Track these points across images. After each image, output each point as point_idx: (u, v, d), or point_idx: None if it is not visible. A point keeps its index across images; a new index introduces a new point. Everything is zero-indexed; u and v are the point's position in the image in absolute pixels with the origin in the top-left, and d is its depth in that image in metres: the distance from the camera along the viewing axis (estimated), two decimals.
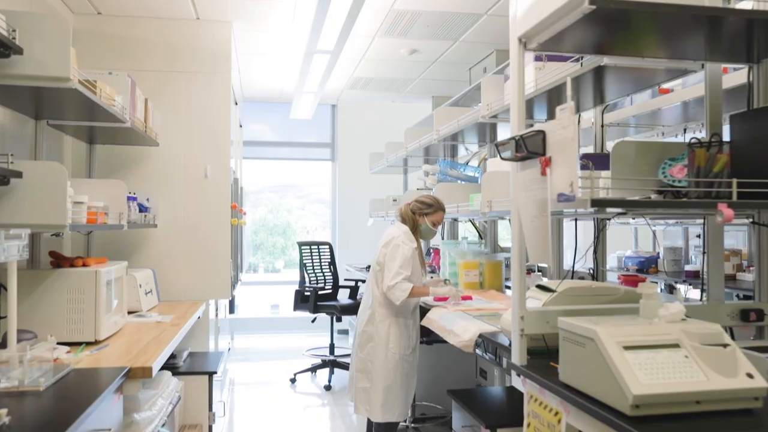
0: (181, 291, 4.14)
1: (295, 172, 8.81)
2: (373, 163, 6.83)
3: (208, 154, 4.26)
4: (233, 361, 6.55)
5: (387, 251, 3.39)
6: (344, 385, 5.66)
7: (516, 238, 1.99)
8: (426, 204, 3.59)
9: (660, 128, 3.91)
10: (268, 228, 8.80)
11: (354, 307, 5.77)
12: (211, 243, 4.22)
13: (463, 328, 2.71)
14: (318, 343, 7.20)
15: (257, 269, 8.72)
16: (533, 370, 1.92)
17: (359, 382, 3.44)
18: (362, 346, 3.45)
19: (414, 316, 3.50)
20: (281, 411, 4.96)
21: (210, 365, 3.58)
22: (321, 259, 6.15)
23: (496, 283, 3.99)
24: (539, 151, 1.77)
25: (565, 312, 2.03)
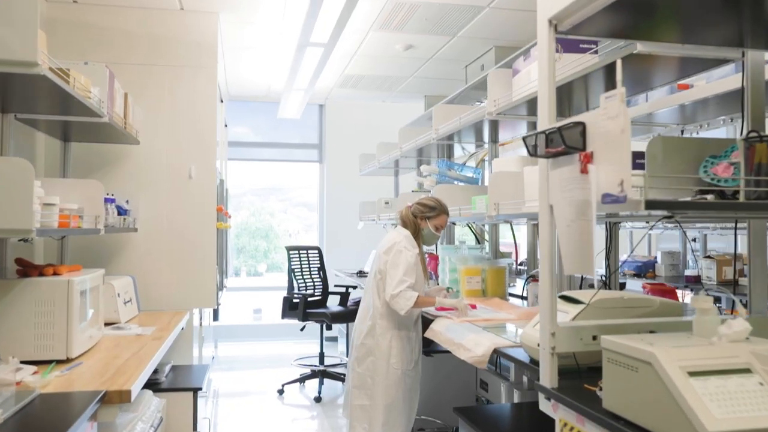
0: (164, 300, 3.87)
1: (279, 175, 8.56)
2: (363, 165, 6.59)
3: (193, 154, 4.00)
4: (218, 370, 6.27)
5: (388, 258, 3.15)
6: (335, 396, 5.42)
7: (546, 244, 1.77)
8: (428, 207, 3.36)
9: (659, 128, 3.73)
10: (250, 231, 8.63)
11: (345, 315, 5.53)
12: (195, 248, 3.95)
13: (475, 342, 2.48)
14: (306, 350, 6.93)
15: (239, 273, 8.53)
16: (566, 393, 1.69)
17: (357, 399, 3.20)
18: (361, 360, 3.21)
19: (416, 328, 3.27)
20: (269, 424, 4.70)
21: (194, 380, 3.32)
22: (310, 265, 5.90)
23: (499, 290, 3.77)
24: (578, 146, 1.55)
25: (601, 327, 1.81)
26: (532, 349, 2.01)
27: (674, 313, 1.98)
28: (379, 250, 3.29)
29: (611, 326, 1.81)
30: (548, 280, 1.74)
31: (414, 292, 3.07)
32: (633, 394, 1.40)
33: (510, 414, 2.87)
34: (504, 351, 2.28)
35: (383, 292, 3.16)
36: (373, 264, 3.35)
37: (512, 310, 3.19)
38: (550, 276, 1.74)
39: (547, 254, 1.76)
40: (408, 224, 3.34)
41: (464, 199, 4.03)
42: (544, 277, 1.76)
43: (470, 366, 2.62)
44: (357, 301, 5.86)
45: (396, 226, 3.44)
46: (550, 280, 1.74)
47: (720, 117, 3.04)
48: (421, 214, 3.34)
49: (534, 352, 2.01)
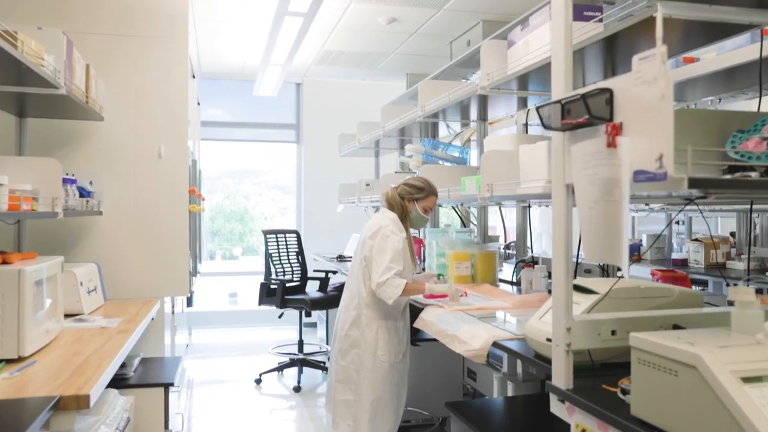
0: (132, 288, 3.61)
1: (254, 156, 8.30)
2: (342, 146, 6.35)
3: (163, 132, 3.72)
4: (192, 359, 6.03)
5: (374, 243, 2.94)
6: (314, 385, 5.22)
7: (561, 228, 1.57)
8: (416, 188, 3.14)
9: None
10: (225, 214, 8.44)
11: (325, 301, 5.32)
12: (166, 232, 3.69)
13: (471, 334, 2.28)
14: (284, 336, 6.73)
15: (215, 256, 8.37)
16: (583, 395, 1.50)
17: (340, 394, 3.00)
18: (344, 352, 3.00)
19: (404, 318, 3.07)
20: (246, 415, 4.49)
21: (166, 374, 3.08)
22: (288, 249, 5.66)
23: (489, 276, 3.59)
24: (605, 116, 1.35)
25: (621, 321, 1.63)
26: (539, 344, 1.83)
27: (694, 303, 1.81)
28: (364, 234, 3.08)
29: (631, 320, 1.63)
30: (563, 270, 1.55)
31: (402, 280, 2.87)
32: (670, 400, 1.22)
33: (505, 408, 2.70)
34: (504, 344, 2.08)
35: (369, 280, 2.95)
36: (357, 250, 3.14)
37: (506, 298, 3.01)
38: (566, 265, 1.55)
39: (563, 240, 1.56)
40: (395, 207, 3.13)
41: (452, 180, 3.82)
42: (558, 266, 1.57)
43: (457, 355, 2.45)
44: (337, 287, 5.66)
45: (379, 209, 3.23)
46: (565, 270, 1.55)
47: (730, 92, 2.87)
48: (408, 195, 3.13)
49: (541, 347, 1.83)
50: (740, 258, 5.15)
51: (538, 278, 3.08)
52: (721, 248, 5.37)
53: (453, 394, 3.98)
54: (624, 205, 1.28)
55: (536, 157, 2.66)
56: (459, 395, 3.99)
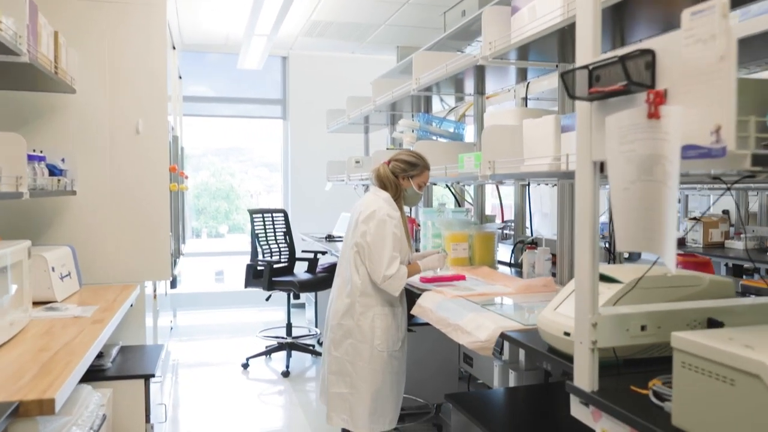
0: (110, 272, 3.40)
1: (240, 133, 8.07)
2: (331, 121, 6.14)
3: (141, 106, 3.48)
4: (177, 342, 5.85)
5: (369, 229, 2.74)
6: (303, 369, 5.07)
7: (586, 211, 1.39)
8: (410, 164, 2.94)
9: None
10: (210, 192, 8.32)
11: (313, 283, 5.14)
12: (146, 213, 3.48)
13: (475, 324, 2.11)
14: (272, 318, 6.57)
15: (200, 234, 8.26)
16: (611, 398, 1.34)
17: (334, 387, 2.83)
18: (338, 343, 2.83)
19: (402, 302, 2.90)
20: (233, 401, 4.33)
21: (147, 364, 2.89)
22: (275, 229, 5.46)
23: (488, 258, 3.42)
24: (646, 82, 1.16)
25: (651, 315, 1.46)
26: (555, 338, 1.66)
27: (726, 293, 1.65)
28: (355, 217, 2.88)
29: (662, 313, 1.46)
30: (589, 258, 1.37)
31: (404, 267, 2.71)
32: (724, 412, 1.05)
33: (508, 401, 2.54)
34: (513, 336, 1.91)
35: (362, 266, 2.77)
36: (348, 233, 2.94)
37: (508, 282, 2.84)
38: (592, 253, 1.37)
39: (588, 224, 1.38)
40: (388, 185, 2.92)
41: (448, 157, 3.64)
42: (583, 253, 1.39)
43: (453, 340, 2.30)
44: (326, 267, 5.48)
45: (370, 188, 3.03)
46: (591, 258, 1.37)
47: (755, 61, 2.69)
48: (403, 172, 2.93)
49: (557, 342, 1.66)
50: (739, 237, 5.03)
51: (541, 261, 2.91)
52: (719, 227, 5.26)
53: (448, 380, 3.84)
54: (670, 185, 1.10)
55: (542, 133, 2.47)
56: (455, 381, 3.85)
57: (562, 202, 2.91)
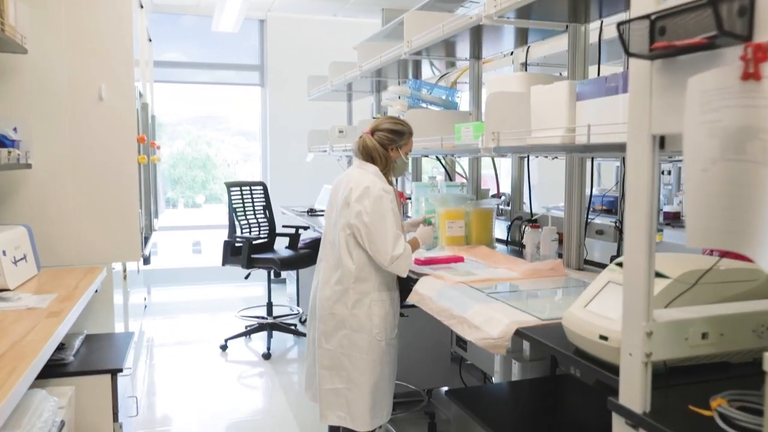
0: (73, 253, 3.10)
1: (216, 100, 7.70)
2: (312, 88, 5.80)
3: (104, 69, 3.14)
4: (151, 321, 5.57)
5: (365, 208, 2.46)
6: (285, 350, 4.83)
7: (643, 194, 1.13)
8: (398, 132, 2.67)
9: None
10: (186, 161, 8.05)
11: (295, 260, 4.87)
12: (111, 188, 3.16)
13: (484, 317, 1.87)
14: (251, 293, 6.32)
15: (177, 205, 8.03)
16: (668, 421, 1.11)
17: (328, 383, 2.57)
18: (329, 334, 2.56)
19: (396, 286, 2.66)
20: (211, 385, 4.10)
21: (114, 357, 2.63)
22: (254, 203, 5.16)
23: (485, 237, 3.17)
24: (742, 33, 0.90)
25: (712, 321, 1.22)
26: (587, 341, 1.42)
27: None
28: (344, 195, 2.58)
29: (725, 318, 1.23)
30: (645, 254, 1.12)
31: (408, 245, 2.48)
32: None
33: (513, 396, 2.33)
34: (533, 336, 1.67)
35: (357, 249, 2.51)
36: (332, 213, 2.66)
37: (512, 265, 2.60)
38: (649, 247, 1.12)
39: (645, 212, 1.12)
40: (377, 158, 2.64)
41: (441, 127, 3.37)
42: (637, 248, 1.14)
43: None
44: (308, 243, 5.21)
45: (353, 161, 2.76)
46: (647, 254, 1.12)
47: None
48: (391, 143, 2.66)
49: (589, 345, 1.42)
50: None
51: (546, 242, 2.68)
52: None
53: (440, 364, 3.62)
54: None
55: (554, 101, 2.21)
56: (447, 364, 3.64)
57: (570, 178, 2.66)
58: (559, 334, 1.57)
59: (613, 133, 1.88)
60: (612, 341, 1.32)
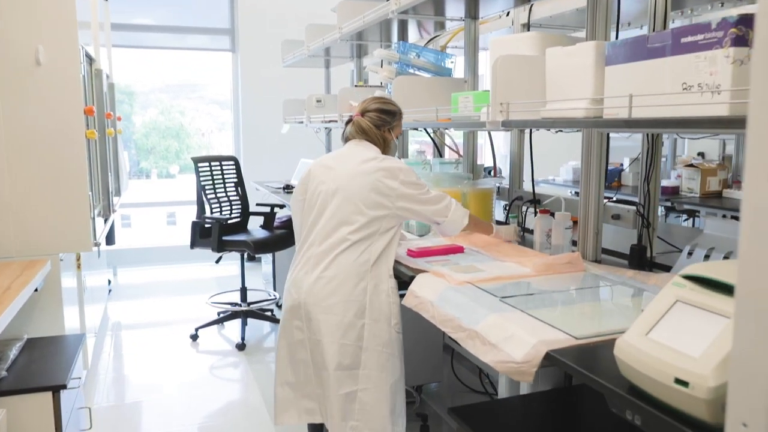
0: (11, 245, 2.69)
1: (188, 68, 7.25)
2: (287, 54, 5.34)
3: (41, 29, 2.69)
4: (116, 304, 5.16)
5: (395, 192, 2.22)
6: (260, 338, 4.48)
7: None
8: (390, 113, 2.44)
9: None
10: (159, 131, 7.81)
11: (271, 242, 4.48)
12: (54, 168, 2.74)
13: (503, 332, 1.52)
14: (225, 273, 5.93)
15: (150, 175, 7.83)
16: None
17: (341, 386, 2.18)
18: (348, 326, 2.17)
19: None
20: (181, 379, 3.74)
21: (59, 368, 2.25)
22: (224, 180, 4.74)
23: (485, 220, 2.82)
24: None
25: None
26: (651, 381, 1.08)
27: None
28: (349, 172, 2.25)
29: None
30: None
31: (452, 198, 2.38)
32: None
33: (524, 411, 2.00)
34: (571, 363, 1.33)
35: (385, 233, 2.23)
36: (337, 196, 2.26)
37: (521, 258, 2.25)
38: None
39: None
40: (376, 140, 2.39)
41: (434, 97, 2.99)
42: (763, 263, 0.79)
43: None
44: (284, 222, 4.83)
45: (351, 141, 2.41)
46: None
47: None
48: (384, 124, 2.41)
49: (656, 388, 1.08)
50: (739, 186, 4.59)
51: (559, 230, 2.33)
52: (718, 175, 4.81)
53: (430, 358, 3.31)
54: None
55: (576, 66, 1.85)
56: (438, 358, 3.32)
57: (588, 155, 2.31)
58: (602, 358, 1.24)
59: (663, 106, 1.53)
60: (696, 390, 0.98)
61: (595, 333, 1.46)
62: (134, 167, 7.64)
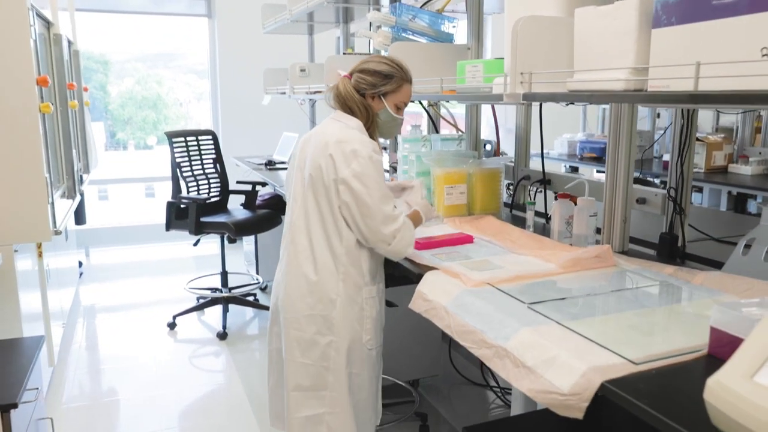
0: None
1: (164, 36, 6.86)
2: (267, 19, 4.96)
3: None
4: (88, 289, 4.84)
5: (347, 174, 1.80)
6: (242, 324, 4.19)
7: None
8: (382, 74, 1.93)
9: None
10: (136, 101, 7.49)
11: (253, 223, 4.17)
12: (1, 148, 2.40)
13: (541, 353, 1.25)
14: (204, 252, 5.61)
15: (127, 146, 7.57)
16: None
17: (302, 409, 1.92)
18: (309, 344, 1.90)
19: (382, 276, 2.03)
20: (158, 371, 3.46)
21: (9, 381, 1.94)
22: (202, 156, 4.40)
23: (492, 205, 2.54)
24: None
25: None
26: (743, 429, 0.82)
27: None
28: (318, 160, 1.90)
29: None
30: None
31: (409, 221, 1.86)
32: None
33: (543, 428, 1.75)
34: (639, 403, 1.06)
35: (346, 229, 1.85)
36: (301, 184, 1.96)
37: (540, 250, 1.98)
38: None
39: None
40: (356, 109, 1.93)
41: (435, 66, 2.68)
42: None
43: None
44: (267, 200, 4.52)
45: (332, 115, 2.02)
46: None
47: None
48: (372, 88, 1.93)
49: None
50: (747, 161, 4.38)
51: (583, 218, 2.06)
52: (723, 149, 4.58)
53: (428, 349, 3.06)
54: None
55: (615, 29, 1.56)
56: (436, 349, 3.08)
57: (616, 133, 2.03)
58: (673, 391, 0.97)
59: (730, 77, 1.25)
60: None
61: (655, 354, 1.20)
62: (110, 139, 7.39)
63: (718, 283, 1.60)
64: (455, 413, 2.96)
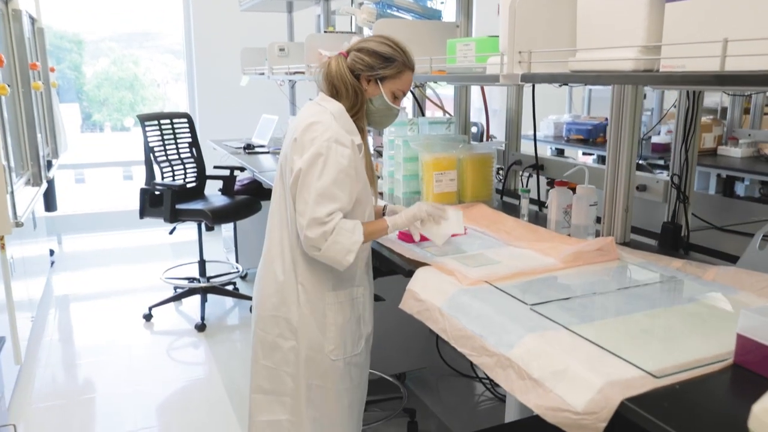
0: None
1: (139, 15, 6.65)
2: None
3: None
4: (60, 279, 4.65)
5: (300, 157, 1.64)
6: (222, 314, 4.05)
7: None
8: (382, 56, 1.71)
9: None
10: (112, 82, 7.40)
11: (231, 210, 4.00)
12: None
13: (552, 365, 1.12)
14: (181, 239, 5.43)
15: (103, 128, 7.51)
16: None
17: (263, 413, 1.79)
18: (271, 346, 1.76)
19: (368, 276, 1.88)
20: (134, 365, 3.32)
21: None
22: (177, 140, 4.20)
23: (483, 192, 2.41)
24: None
25: None
26: None
27: None
28: (285, 141, 1.76)
29: None
30: None
31: (354, 223, 1.64)
32: None
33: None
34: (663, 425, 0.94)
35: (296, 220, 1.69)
36: (281, 165, 1.80)
37: (538, 243, 1.85)
38: None
39: None
40: (343, 90, 1.72)
41: (423, 44, 2.52)
42: None
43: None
44: (246, 185, 4.35)
45: (317, 96, 1.84)
46: None
47: None
48: (369, 70, 1.72)
49: None
50: (736, 143, 4.31)
51: (582, 208, 1.94)
52: (713, 131, 4.50)
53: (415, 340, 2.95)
54: None
55: (620, 3, 1.43)
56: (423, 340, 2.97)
57: (618, 117, 1.91)
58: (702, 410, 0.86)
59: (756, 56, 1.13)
60: None
61: (676, 366, 1.08)
62: (86, 120, 7.27)
63: (732, 280, 1.48)
64: (444, 407, 2.85)
